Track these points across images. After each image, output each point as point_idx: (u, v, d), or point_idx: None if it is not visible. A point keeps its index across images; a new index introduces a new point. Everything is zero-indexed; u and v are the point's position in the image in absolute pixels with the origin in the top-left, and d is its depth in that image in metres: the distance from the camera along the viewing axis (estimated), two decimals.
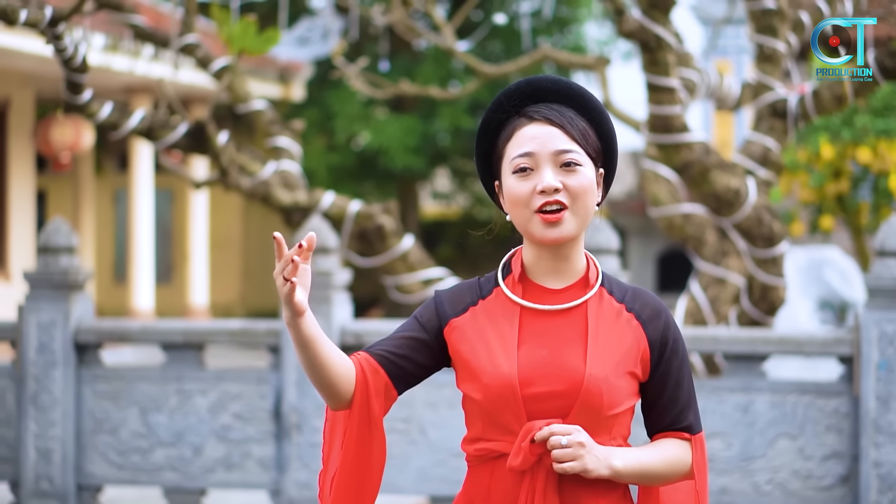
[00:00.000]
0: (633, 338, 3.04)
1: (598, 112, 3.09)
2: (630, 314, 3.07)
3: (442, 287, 8.33)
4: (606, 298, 3.08)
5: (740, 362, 7.38)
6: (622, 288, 3.11)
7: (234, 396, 7.81)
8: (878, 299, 7.11)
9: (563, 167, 3.01)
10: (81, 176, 20.07)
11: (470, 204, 25.50)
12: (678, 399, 3.09)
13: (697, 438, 3.09)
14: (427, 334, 3.12)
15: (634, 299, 3.09)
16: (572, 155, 3.01)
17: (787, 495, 7.30)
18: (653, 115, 8.11)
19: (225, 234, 25.09)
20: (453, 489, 7.53)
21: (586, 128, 3.06)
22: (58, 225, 7.99)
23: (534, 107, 3.06)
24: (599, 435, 3.00)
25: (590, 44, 23.85)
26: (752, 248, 8.23)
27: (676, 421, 3.09)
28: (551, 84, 3.09)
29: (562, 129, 3.02)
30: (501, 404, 3.00)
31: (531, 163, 3.02)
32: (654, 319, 3.07)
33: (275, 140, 8.85)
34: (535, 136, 3.02)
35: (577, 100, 3.08)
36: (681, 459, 3.08)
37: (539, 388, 2.99)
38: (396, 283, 8.41)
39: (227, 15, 8.15)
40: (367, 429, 3.10)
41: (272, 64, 19.58)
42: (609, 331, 3.03)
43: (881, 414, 7.06)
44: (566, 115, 3.04)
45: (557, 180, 3.00)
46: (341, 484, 3.11)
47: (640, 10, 7.97)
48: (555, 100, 3.07)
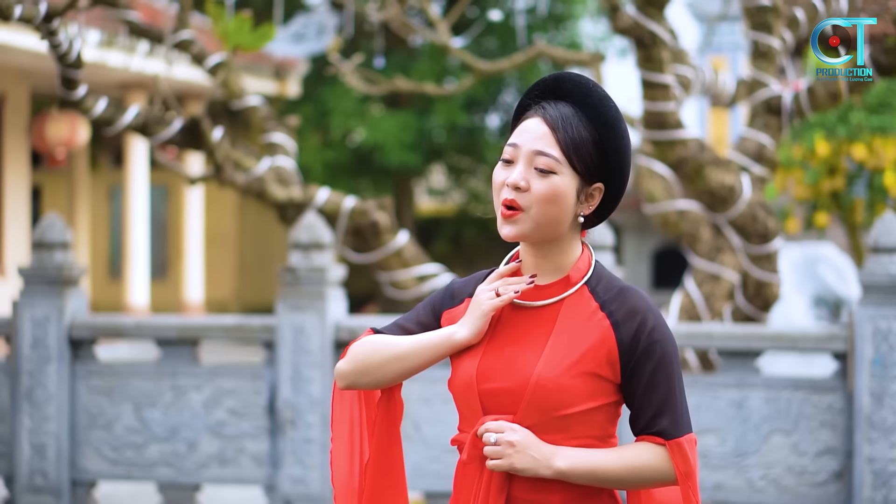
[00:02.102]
0: (598, 338, 3.00)
1: (608, 127, 3.02)
2: (603, 314, 3.02)
3: (438, 281, 8.35)
4: (585, 298, 3.04)
5: (735, 358, 7.39)
6: (610, 287, 3.06)
7: (229, 392, 7.82)
8: (872, 296, 7.13)
9: (537, 170, 2.98)
10: (76, 172, 20.07)
11: (465, 200, 25.51)
12: (650, 404, 3.01)
13: (676, 444, 3.00)
14: (434, 319, 3.19)
15: (614, 300, 3.03)
16: (547, 160, 2.97)
17: (780, 491, 7.32)
18: (647, 111, 8.12)
19: (220, 231, 25.11)
20: (447, 484, 7.55)
21: (586, 138, 3.00)
22: (52, 221, 7.99)
23: (547, 101, 3.04)
24: (551, 434, 2.99)
25: (585, 40, 23.85)
26: (746, 245, 8.24)
27: (648, 426, 3.02)
28: (571, 84, 3.04)
29: (553, 132, 2.98)
30: (463, 398, 3.06)
31: (514, 154, 3.01)
32: (627, 321, 3.00)
33: (270, 136, 8.86)
34: (527, 130, 3.01)
35: (591, 107, 3.02)
36: (647, 464, 3.00)
37: (493, 385, 3.02)
38: (391, 279, 8.42)
39: (222, 11, 8.14)
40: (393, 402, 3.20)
41: (268, 60, 19.58)
42: (574, 331, 3.00)
43: (875, 410, 7.07)
44: (569, 119, 3.00)
45: (524, 179, 2.98)
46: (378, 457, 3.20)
47: (634, 6, 7.98)
48: (571, 100, 3.03)
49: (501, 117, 24.67)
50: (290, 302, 7.64)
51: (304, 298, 7.63)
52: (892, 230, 7.17)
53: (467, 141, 23.97)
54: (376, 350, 3.12)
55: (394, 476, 3.21)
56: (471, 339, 3.03)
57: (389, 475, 3.20)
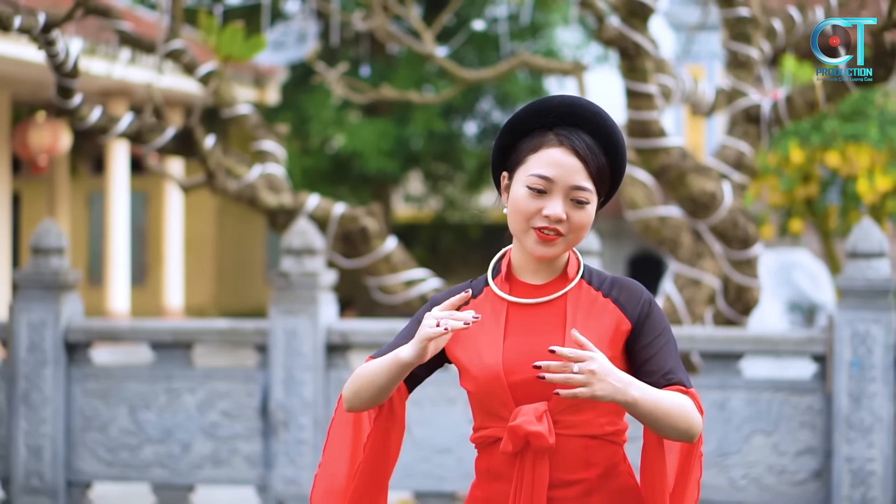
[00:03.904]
0: (610, 320, 3.25)
1: (619, 154, 3.26)
2: (607, 299, 3.28)
3: (425, 286, 8.50)
4: (585, 288, 3.30)
5: (717, 361, 7.56)
6: (601, 277, 3.34)
7: (222, 394, 7.96)
8: (850, 300, 7.30)
9: (573, 201, 3.20)
10: (56, 178, 20.13)
11: (442, 207, 25.65)
12: (664, 363, 3.24)
13: (692, 394, 3.22)
14: None
15: (612, 286, 3.31)
16: (585, 193, 3.20)
17: (761, 490, 7.49)
18: (631, 120, 8.26)
19: (198, 237, 25.17)
20: (437, 485, 7.72)
21: (605, 164, 3.23)
22: (48, 227, 8.13)
23: (566, 130, 3.22)
24: (584, 412, 3.21)
25: (562, 48, 24.03)
26: (727, 250, 8.38)
27: (666, 380, 3.22)
28: (590, 114, 3.24)
29: (584, 165, 3.19)
30: (490, 393, 3.24)
31: (547, 186, 3.20)
32: (631, 301, 3.28)
33: (260, 144, 8.99)
34: (559, 164, 3.19)
35: (606, 135, 3.24)
36: (686, 406, 3.18)
37: (522, 375, 3.21)
38: (379, 283, 8.56)
39: (213, 22, 8.29)
40: (391, 422, 3.36)
41: (248, 68, 19.68)
42: (586, 316, 3.25)
43: (853, 411, 7.25)
44: (592, 149, 3.21)
45: (564, 211, 3.19)
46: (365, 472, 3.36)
47: (619, 18, 8.14)
48: (587, 128, 3.23)
49: (479, 124, 24.83)
50: (283, 306, 7.79)
51: (296, 303, 7.78)
52: (870, 236, 7.35)
53: (445, 148, 24.12)
54: (360, 375, 3.31)
55: (378, 488, 3.40)
56: (413, 360, 3.18)
57: (375, 488, 3.40)
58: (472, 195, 25.42)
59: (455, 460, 7.72)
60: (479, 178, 24.74)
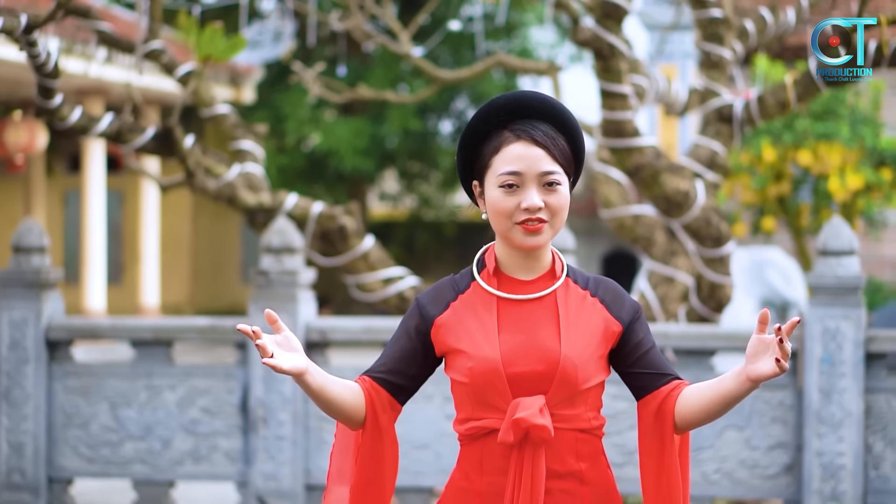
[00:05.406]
0: (599, 318, 3.40)
1: (575, 130, 3.41)
2: (595, 298, 3.43)
3: (403, 284, 8.59)
4: (572, 287, 3.44)
5: (690, 357, 7.67)
6: (584, 277, 3.48)
7: (202, 391, 8.04)
8: (821, 297, 7.42)
9: (546, 186, 3.33)
10: (32, 177, 20.14)
11: (417, 205, 25.71)
12: (658, 361, 3.44)
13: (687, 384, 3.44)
14: (415, 341, 3.46)
15: (597, 286, 3.45)
16: (555, 176, 3.34)
17: (734, 484, 7.60)
18: (606, 120, 8.35)
19: (175, 235, 25.18)
20: (415, 480, 7.81)
21: (565, 146, 3.37)
22: (30, 225, 8.20)
23: (520, 124, 3.36)
24: (576, 406, 3.35)
25: (536, 48, 24.13)
26: (700, 248, 8.48)
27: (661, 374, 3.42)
28: (537, 103, 3.38)
29: (546, 151, 3.33)
30: (488, 385, 3.34)
31: (517, 181, 3.33)
32: (617, 301, 3.43)
33: (238, 143, 9.07)
34: (523, 157, 3.33)
35: (558, 118, 3.39)
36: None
37: (520, 369, 3.33)
38: (357, 281, 8.64)
39: (193, 22, 8.36)
40: (379, 440, 3.44)
41: (224, 67, 19.71)
42: (577, 314, 3.39)
43: (823, 406, 7.37)
44: (549, 134, 3.35)
45: (541, 199, 3.32)
46: (358, 491, 3.46)
47: (593, 19, 8.24)
48: (539, 117, 3.38)
49: (454, 123, 24.90)
50: (263, 304, 7.88)
51: (275, 300, 7.86)
52: (840, 234, 7.46)
53: (420, 146, 24.19)
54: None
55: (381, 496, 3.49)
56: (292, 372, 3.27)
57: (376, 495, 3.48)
58: (447, 193, 25.50)
59: (433, 456, 7.81)
60: (454, 177, 24.80)
